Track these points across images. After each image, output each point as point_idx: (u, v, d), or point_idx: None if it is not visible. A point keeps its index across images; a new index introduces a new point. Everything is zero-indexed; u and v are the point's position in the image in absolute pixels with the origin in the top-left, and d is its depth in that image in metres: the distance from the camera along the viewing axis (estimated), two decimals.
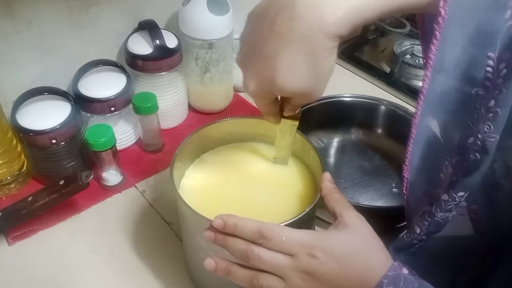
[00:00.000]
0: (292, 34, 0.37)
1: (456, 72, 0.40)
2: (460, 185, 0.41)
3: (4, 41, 0.63)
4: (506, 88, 0.37)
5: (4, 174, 0.64)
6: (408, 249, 0.46)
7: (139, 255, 0.60)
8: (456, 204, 0.41)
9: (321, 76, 0.40)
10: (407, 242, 0.46)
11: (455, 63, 0.40)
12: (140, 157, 0.74)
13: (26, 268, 0.58)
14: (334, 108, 0.75)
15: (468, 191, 0.41)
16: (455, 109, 0.42)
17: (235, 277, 0.42)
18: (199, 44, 0.73)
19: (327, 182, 0.47)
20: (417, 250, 0.46)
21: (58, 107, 0.64)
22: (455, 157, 0.42)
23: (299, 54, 0.37)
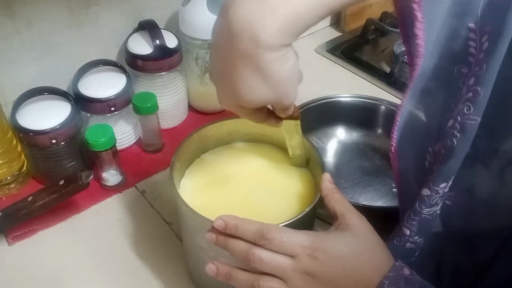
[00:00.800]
0: (234, 54, 0.36)
1: (437, 49, 0.38)
2: (439, 175, 0.39)
3: (4, 41, 0.63)
4: (487, 63, 0.34)
5: (4, 174, 0.64)
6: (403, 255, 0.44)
7: (139, 255, 0.60)
8: (440, 196, 0.40)
9: (279, 85, 0.38)
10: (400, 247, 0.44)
11: (435, 39, 0.38)
12: (140, 157, 0.74)
13: (26, 268, 0.58)
14: (334, 108, 0.76)
15: (450, 181, 0.39)
16: (438, 90, 0.40)
17: (236, 281, 0.42)
18: (199, 44, 0.73)
19: (327, 183, 0.47)
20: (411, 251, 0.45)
21: (58, 107, 0.64)
22: (437, 143, 0.40)
23: (247, 71, 0.37)
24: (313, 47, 1.01)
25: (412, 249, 0.44)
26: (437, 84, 0.40)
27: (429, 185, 0.40)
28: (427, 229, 0.42)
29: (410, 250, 0.43)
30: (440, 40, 0.38)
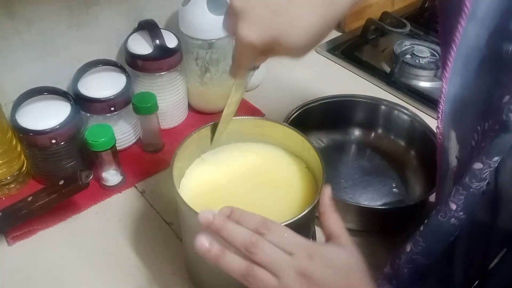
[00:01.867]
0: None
1: (492, 23, 0.38)
2: (493, 148, 0.38)
3: (4, 41, 0.63)
4: None
5: (4, 174, 0.64)
6: (446, 232, 0.43)
7: (139, 255, 0.60)
8: (491, 171, 0.39)
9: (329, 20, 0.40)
10: (444, 223, 0.43)
11: (491, 13, 0.38)
12: (140, 157, 0.74)
13: (26, 268, 0.58)
14: (334, 108, 0.75)
15: (502, 154, 0.38)
16: (490, 68, 0.40)
17: (228, 264, 0.41)
18: (199, 44, 0.73)
19: (327, 199, 0.46)
20: (453, 229, 0.43)
21: (58, 107, 0.64)
22: (487, 121, 0.39)
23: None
24: None
25: (455, 226, 0.43)
26: (488, 61, 0.40)
27: (481, 158, 0.39)
28: (472, 205, 0.41)
29: (453, 227, 0.43)
30: (496, 14, 0.38)
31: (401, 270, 0.46)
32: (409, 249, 0.45)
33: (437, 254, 0.44)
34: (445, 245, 0.44)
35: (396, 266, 0.47)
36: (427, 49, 0.94)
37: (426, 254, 0.44)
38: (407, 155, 0.74)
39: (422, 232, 0.44)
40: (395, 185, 0.70)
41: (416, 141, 0.73)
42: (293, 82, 0.91)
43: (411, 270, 0.46)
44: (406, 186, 0.70)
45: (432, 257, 0.45)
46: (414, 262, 0.45)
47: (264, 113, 0.83)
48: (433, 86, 0.89)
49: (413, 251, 0.45)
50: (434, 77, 0.90)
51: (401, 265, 0.46)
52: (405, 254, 0.46)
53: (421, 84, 0.89)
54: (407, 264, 0.46)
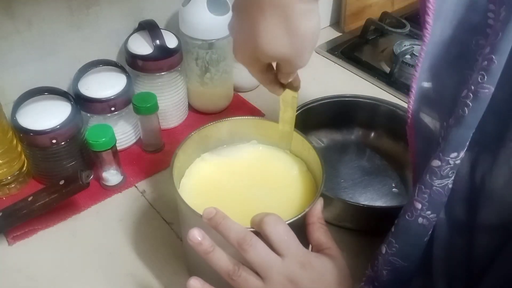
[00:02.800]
0: (265, 2, 0.38)
1: (456, 18, 0.39)
2: (448, 144, 0.38)
3: (4, 41, 0.63)
4: (502, 31, 0.34)
5: (4, 174, 0.64)
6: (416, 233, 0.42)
7: (139, 255, 0.60)
8: (451, 168, 0.38)
9: (299, 40, 0.40)
10: (412, 222, 0.42)
11: (454, 8, 0.38)
12: (140, 157, 0.74)
13: (26, 268, 0.58)
14: (334, 108, 0.75)
15: (461, 152, 0.38)
16: (455, 63, 0.40)
17: (216, 259, 0.42)
18: (199, 44, 0.73)
19: (319, 210, 0.47)
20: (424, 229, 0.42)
21: (58, 107, 0.64)
22: (451, 117, 0.38)
23: (274, 19, 0.38)
24: None
25: (425, 226, 0.42)
26: (454, 57, 0.40)
27: (439, 155, 0.38)
28: (439, 204, 0.41)
29: (423, 227, 0.41)
30: (459, 8, 0.38)
31: (380, 272, 0.45)
32: (384, 251, 0.44)
33: (413, 256, 0.43)
34: (420, 248, 0.42)
35: (376, 268, 0.46)
36: None
37: (401, 256, 0.43)
38: (407, 155, 0.73)
39: (393, 233, 0.43)
40: (395, 185, 0.70)
41: None
42: None
43: (391, 272, 0.44)
44: (406, 186, 0.70)
45: (409, 258, 0.43)
46: (392, 264, 0.44)
47: (264, 113, 0.83)
48: None
49: (388, 253, 0.44)
50: None
51: (379, 267, 0.45)
52: (381, 256, 0.44)
53: None
54: (385, 266, 0.44)
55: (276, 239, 0.41)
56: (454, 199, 0.42)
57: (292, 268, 0.40)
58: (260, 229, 0.42)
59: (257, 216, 0.43)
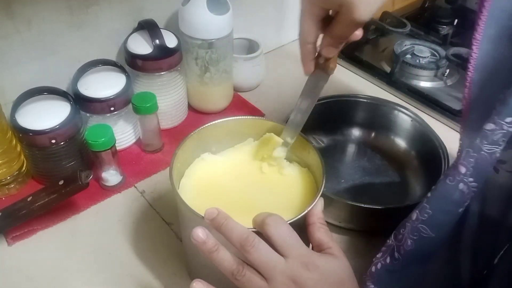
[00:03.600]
0: None
1: None
2: (505, 107, 0.37)
3: (4, 41, 0.63)
4: None
5: (3, 174, 0.64)
6: (454, 200, 0.41)
7: (139, 255, 0.60)
8: (504, 134, 0.37)
9: None
10: (452, 187, 0.40)
11: None
12: (139, 157, 0.74)
13: (26, 268, 0.58)
14: (334, 108, 0.75)
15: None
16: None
17: (221, 259, 0.41)
18: (199, 43, 0.73)
19: (319, 210, 0.47)
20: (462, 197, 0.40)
21: (58, 107, 0.64)
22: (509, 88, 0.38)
23: None
24: None
25: (464, 194, 0.40)
26: None
27: (493, 118, 0.38)
28: (483, 172, 0.39)
29: (462, 194, 0.40)
30: None
31: (405, 240, 0.43)
32: (415, 217, 0.43)
33: (444, 227, 0.42)
34: (452, 218, 0.41)
35: (401, 236, 0.44)
36: (427, 49, 0.94)
37: (432, 225, 0.42)
38: (407, 155, 0.74)
39: (429, 198, 0.42)
40: (395, 185, 0.70)
41: (416, 141, 0.73)
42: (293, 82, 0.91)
43: (417, 242, 0.43)
44: (406, 186, 0.70)
45: (439, 229, 0.42)
46: (420, 233, 0.42)
47: (264, 113, 0.82)
48: (434, 86, 0.89)
49: (419, 219, 0.42)
50: (434, 77, 0.90)
51: (405, 235, 0.44)
52: (411, 222, 0.43)
53: (421, 84, 0.89)
54: (412, 235, 0.43)
55: (278, 240, 0.41)
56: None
57: (295, 269, 0.40)
58: (262, 229, 0.42)
59: (259, 217, 0.43)
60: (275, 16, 0.97)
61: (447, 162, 0.64)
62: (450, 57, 0.87)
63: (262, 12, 0.93)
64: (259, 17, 0.93)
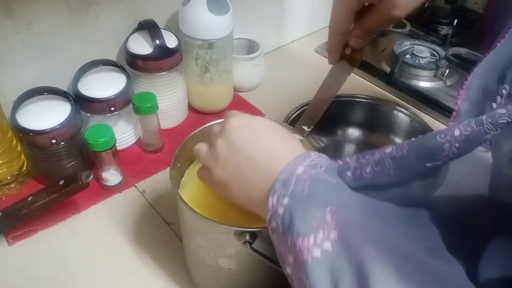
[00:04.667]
0: None
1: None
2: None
3: (4, 41, 0.63)
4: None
5: (4, 174, 0.64)
6: (432, 152, 0.40)
7: (139, 255, 0.60)
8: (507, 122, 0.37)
9: None
10: (437, 142, 0.39)
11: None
12: (140, 157, 0.74)
13: (26, 268, 0.58)
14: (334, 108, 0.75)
15: None
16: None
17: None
18: (199, 44, 0.73)
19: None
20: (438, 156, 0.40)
21: (58, 107, 0.64)
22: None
23: None
24: (313, 47, 1.01)
25: (443, 152, 0.39)
26: None
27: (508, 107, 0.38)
28: (470, 144, 0.39)
29: (441, 151, 0.39)
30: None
31: (364, 167, 0.42)
32: (389, 150, 0.41)
33: (404, 172, 0.40)
34: (418, 168, 0.40)
35: (362, 160, 0.42)
36: (427, 49, 0.94)
37: (398, 164, 0.40)
38: None
39: (412, 141, 0.41)
40: None
41: None
42: (293, 82, 0.91)
43: (375, 174, 0.41)
44: None
45: (400, 172, 0.40)
46: (383, 166, 0.41)
47: (264, 113, 0.83)
48: (433, 86, 0.89)
49: (391, 154, 0.40)
50: (434, 77, 0.90)
51: (366, 162, 0.42)
52: (381, 153, 0.41)
53: (421, 84, 0.89)
54: (375, 165, 0.41)
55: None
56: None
57: (223, 126, 0.44)
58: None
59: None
60: (275, 16, 0.97)
61: None
62: (450, 57, 0.87)
63: (262, 12, 0.93)
64: (259, 17, 0.93)
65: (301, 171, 0.37)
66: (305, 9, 1.01)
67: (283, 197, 0.37)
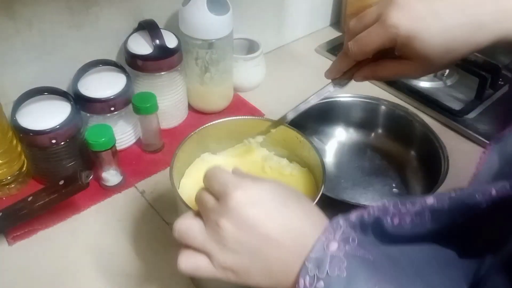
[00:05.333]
0: None
1: None
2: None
3: (5, 42, 0.63)
4: None
5: (4, 174, 0.64)
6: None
7: (139, 255, 0.60)
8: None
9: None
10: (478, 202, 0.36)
11: None
12: (140, 157, 0.74)
13: (26, 268, 0.58)
14: (334, 108, 0.75)
15: None
16: None
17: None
18: (199, 44, 0.73)
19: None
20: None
21: (58, 107, 0.64)
22: None
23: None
24: (313, 47, 1.01)
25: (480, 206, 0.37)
26: None
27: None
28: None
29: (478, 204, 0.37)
30: None
31: (404, 216, 0.38)
32: (430, 202, 0.38)
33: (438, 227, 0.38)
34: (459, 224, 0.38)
35: (403, 209, 0.39)
36: None
37: (438, 218, 0.38)
38: (407, 155, 0.74)
39: (452, 196, 0.38)
40: (395, 185, 0.70)
41: (416, 141, 0.73)
42: (293, 82, 0.91)
43: (414, 225, 0.38)
44: (406, 186, 0.70)
45: (440, 225, 0.38)
46: (422, 218, 0.38)
47: (264, 113, 0.83)
48: (433, 86, 0.89)
49: (432, 207, 0.38)
50: (434, 77, 0.90)
51: (407, 212, 0.38)
52: (422, 204, 0.38)
53: (421, 84, 0.89)
54: (415, 216, 0.38)
55: (207, 182, 0.40)
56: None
57: (224, 203, 0.37)
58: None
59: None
60: (275, 16, 0.97)
61: (447, 162, 0.64)
62: None
63: (262, 12, 0.93)
64: (259, 17, 0.93)
65: (335, 248, 0.34)
66: (305, 9, 1.01)
67: (317, 280, 0.33)
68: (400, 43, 0.44)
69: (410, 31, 0.43)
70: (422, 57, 0.44)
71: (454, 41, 0.43)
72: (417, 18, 0.43)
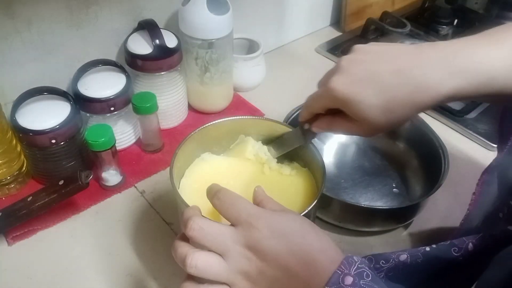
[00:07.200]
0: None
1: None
2: None
3: (4, 41, 0.63)
4: None
5: (3, 174, 0.64)
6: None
7: (139, 255, 0.60)
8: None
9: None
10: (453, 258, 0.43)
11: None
12: (139, 157, 0.74)
13: (26, 268, 0.58)
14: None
15: None
16: None
17: (175, 253, 0.40)
18: (199, 43, 0.73)
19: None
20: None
21: (58, 107, 0.64)
22: None
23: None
24: (313, 47, 1.01)
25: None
26: None
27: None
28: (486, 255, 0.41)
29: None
30: None
31: (377, 272, 0.45)
32: (404, 258, 0.45)
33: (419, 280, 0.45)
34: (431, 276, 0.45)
35: (377, 265, 0.46)
36: None
37: (411, 273, 0.45)
38: (407, 155, 0.74)
39: (427, 251, 0.45)
40: (395, 185, 0.70)
41: (416, 141, 0.73)
42: (293, 82, 0.91)
43: (387, 279, 0.45)
44: (406, 186, 0.70)
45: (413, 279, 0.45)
46: (396, 272, 0.45)
47: (264, 113, 0.83)
48: None
49: (405, 263, 0.45)
50: None
51: (380, 268, 0.45)
52: (395, 260, 0.46)
53: None
54: (388, 271, 0.45)
55: (222, 209, 0.40)
56: None
57: (246, 233, 0.37)
58: (212, 204, 0.41)
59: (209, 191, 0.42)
60: (275, 16, 0.97)
61: (447, 162, 0.64)
62: None
63: (262, 12, 0.93)
64: (259, 17, 0.93)
65: (350, 282, 0.35)
66: (305, 9, 1.01)
67: None
68: (340, 105, 0.45)
69: (346, 94, 0.43)
70: (361, 118, 0.44)
71: (393, 102, 0.42)
72: (355, 81, 0.43)
